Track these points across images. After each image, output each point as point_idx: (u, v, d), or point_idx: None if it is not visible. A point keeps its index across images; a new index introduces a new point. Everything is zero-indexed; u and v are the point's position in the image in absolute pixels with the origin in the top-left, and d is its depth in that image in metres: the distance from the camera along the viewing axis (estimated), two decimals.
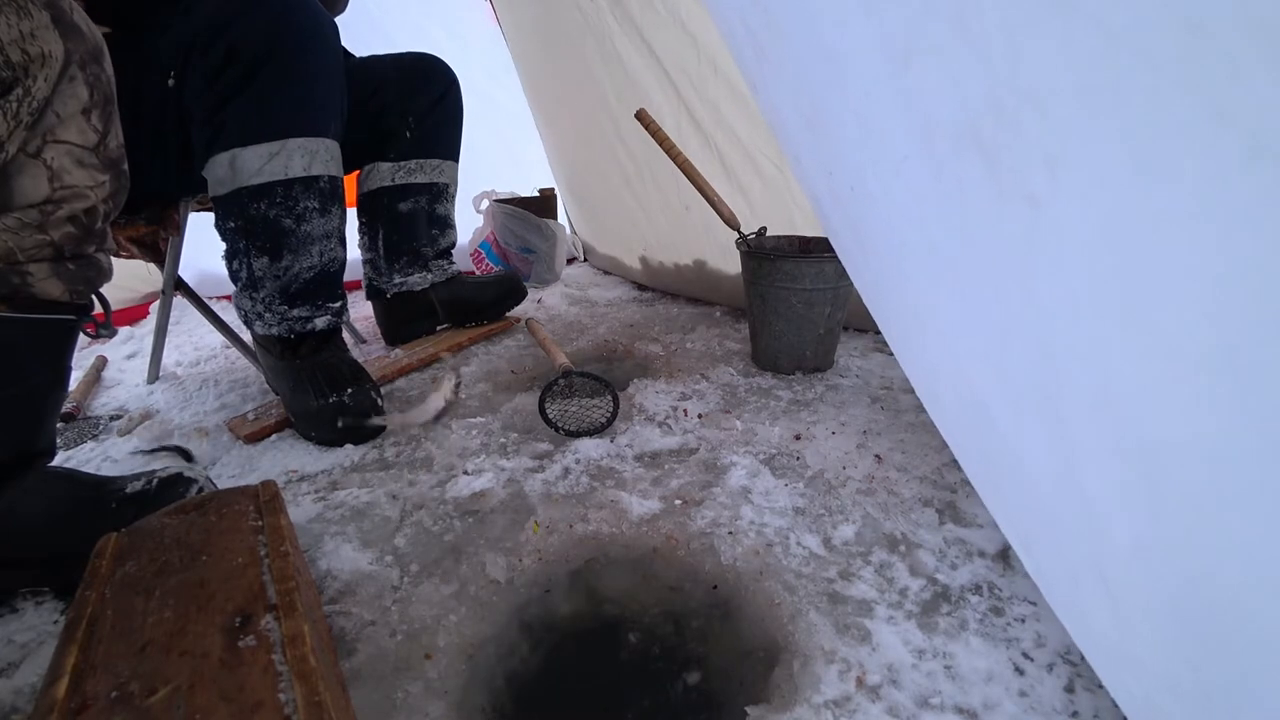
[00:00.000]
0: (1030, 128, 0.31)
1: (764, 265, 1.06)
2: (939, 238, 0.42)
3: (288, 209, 0.91)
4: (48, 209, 0.57)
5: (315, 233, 0.94)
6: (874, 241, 0.52)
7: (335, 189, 0.97)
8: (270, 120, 0.88)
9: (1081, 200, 0.30)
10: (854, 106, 0.44)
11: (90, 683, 0.40)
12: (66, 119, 0.57)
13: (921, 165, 0.39)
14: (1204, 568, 0.31)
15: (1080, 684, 0.52)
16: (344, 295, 1.04)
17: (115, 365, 1.35)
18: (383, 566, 0.68)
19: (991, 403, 0.44)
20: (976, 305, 0.41)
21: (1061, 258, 0.33)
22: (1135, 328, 0.30)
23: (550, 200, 1.89)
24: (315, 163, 0.92)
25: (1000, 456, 0.48)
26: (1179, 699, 0.36)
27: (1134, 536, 0.35)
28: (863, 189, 0.48)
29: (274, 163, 0.88)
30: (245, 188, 0.88)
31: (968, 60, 0.33)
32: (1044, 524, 0.45)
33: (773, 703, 0.52)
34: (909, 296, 0.51)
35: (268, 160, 0.88)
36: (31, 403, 0.63)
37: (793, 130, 0.55)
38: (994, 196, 0.35)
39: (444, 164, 1.29)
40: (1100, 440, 0.35)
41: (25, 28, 0.52)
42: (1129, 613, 0.38)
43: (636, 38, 1.30)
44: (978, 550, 0.67)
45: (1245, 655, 0.31)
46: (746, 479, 0.80)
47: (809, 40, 0.45)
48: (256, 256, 0.93)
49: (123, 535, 0.55)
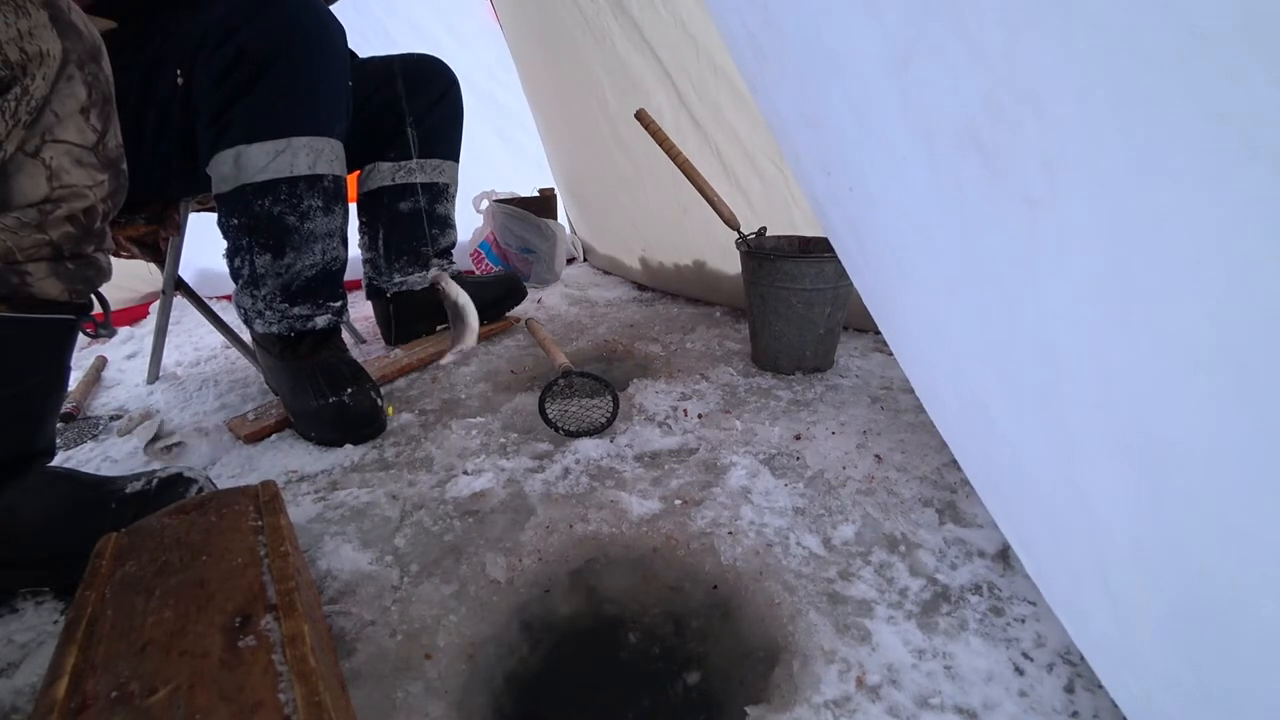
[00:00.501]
0: (1028, 128, 0.31)
1: (764, 265, 1.06)
2: (939, 237, 0.42)
3: (291, 206, 0.91)
4: (46, 208, 0.57)
5: (318, 231, 0.95)
6: (874, 241, 0.52)
7: (339, 188, 0.97)
8: (276, 118, 0.88)
9: (1079, 201, 0.30)
10: (854, 106, 0.44)
11: (90, 683, 0.40)
12: (65, 118, 0.57)
13: (921, 165, 0.39)
14: (1205, 567, 0.31)
15: (1080, 684, 0.52)
16: (345, 295, 1.05)
17: (115, 365, 1.35)
18: (383, 566, 0.68)
19: (991, 403, 0.44)
20: (977, 305, 0.41)
21: (1061, 258, 0.33)
22: (1135, 327, 0.30)
23: (550, 200, 1.89)
24: (320, 161, 0.92)
25: (1000, 456, 0.48)
26: (1179, 699, 0.36)
27: (1134, 536, 0.35)
28: (862, 189, 0.48)
29: (279, 160, 0.89)
30: (250, 184, 0.89)
31: (966, 60, 0.33)
32: (1044, 524, 0.45)
33: (773, 703, 0.52)
34: (909, 296, 0.51)
35: (273, 158, 0.88)
36: (31, 402, 0.63)
37: (792, 130, 0.55)
38: (993, 196, 0.35)
39: (444, 164, 1.29)
40: (1101, 439, 0.35)
41: (23, 26, 0.52)
42: (1129, 612, 0.38)
43: (637, 37, 1.30)
44: (978, 550, 0.67)
45: (1246, 655, 0.31)
46: (746, 479, 0.80)
47: (809, 40, 0.45)
48: (259, 253, 0.93)
49: (123, 535, 0.55)
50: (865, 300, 0.61)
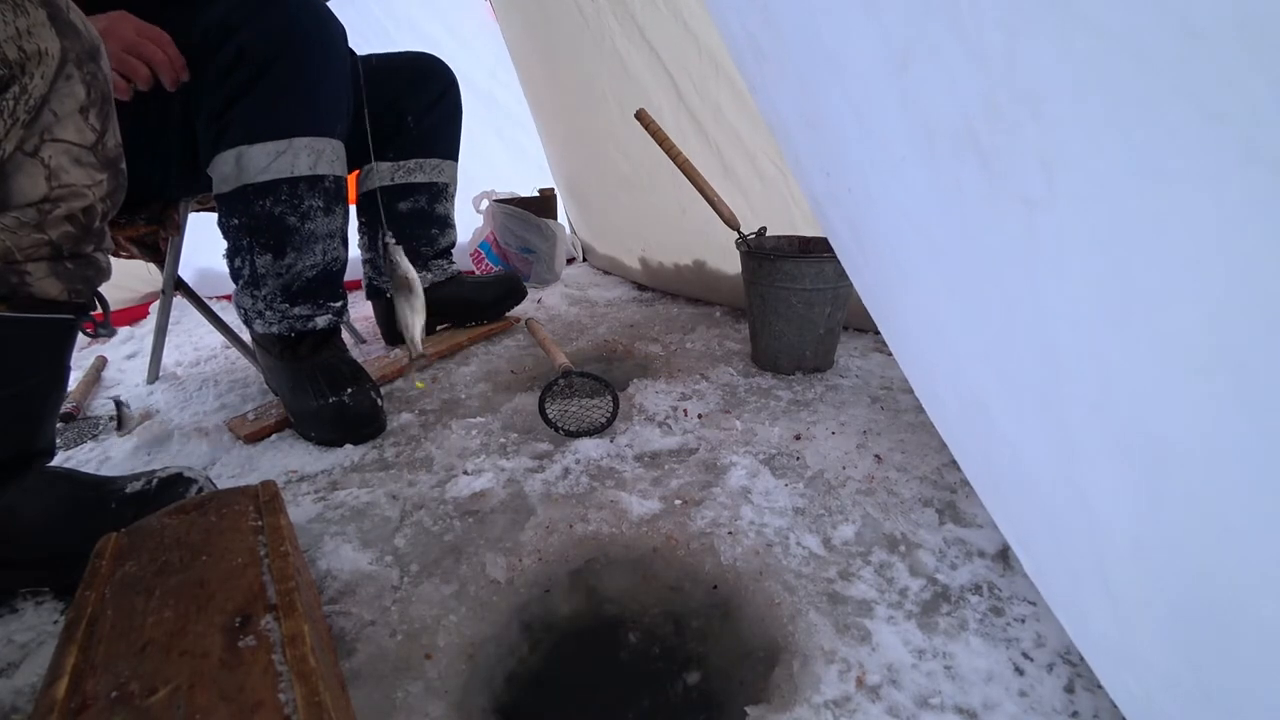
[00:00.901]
0: (1026, 129, 0.31)
1: (764, 265, 1.06)
2: (939, 238, 0.42)
3: (293, 206, 0.91)
4: (45, 208, 0.57)
5: (319, 231, 0.95)
6: (873, 242, 0.52)
7: (340, 189, 0.97)
8: (277, 119, 0.88)
9: (1077, 202, 0.30)
10: (853, 106, 0.44)
11: (90, 683, 0.40)
12: (64, 117, 0.57)
13: (920, 166, 0.39)
14: (1204, 567, 0.31)
15: (1080, 684, 0.52)
16: (345, 295, 1.05)
17: (115, 365, 1.35)
18: (383, 566, 0.68)
19: (991, 403, 0.44)
20: (977, 306, 0.41)
21: (1059, 259, 0.33)
22: (1134, 328, 0.30)
23: (550, 200, 1.89)
24: (321, 162, 0.92)
25: (1000, 456, 0.48)
26: (1179, 699, 0.36)
27: (1134, 536, 0.35)
28: (862, 189, 0.48)
29: (280, 160, 0.89)
30: (251, 184, 0.89)
31: (964, 62, 0.33)
32: (1044, 524, 0.45)
33: (773, 703, 0.52)
34: (909, 296, 0.51)
35: (274, 158, 0.88)
36: (30, 402, 0.63)
37: (792, 130, 0.55)
38: (991, 198, 0.35)
39: (443, 163, 1.29)
40: (1101, 440, 0.35)
41: (22, 25, 0.52)
42: (1129, 612, 0.38)
43: (637, 36, 1.30)
44: (978, 550, 0.67)
45: (1245, 655, 0.31)
46: (746, 479, 0.80)
47: (808, 40, 0.45)
48: (260, 253, 0.93)
49: (123, 535, 0.55)
50: (865, 300, 0.61)
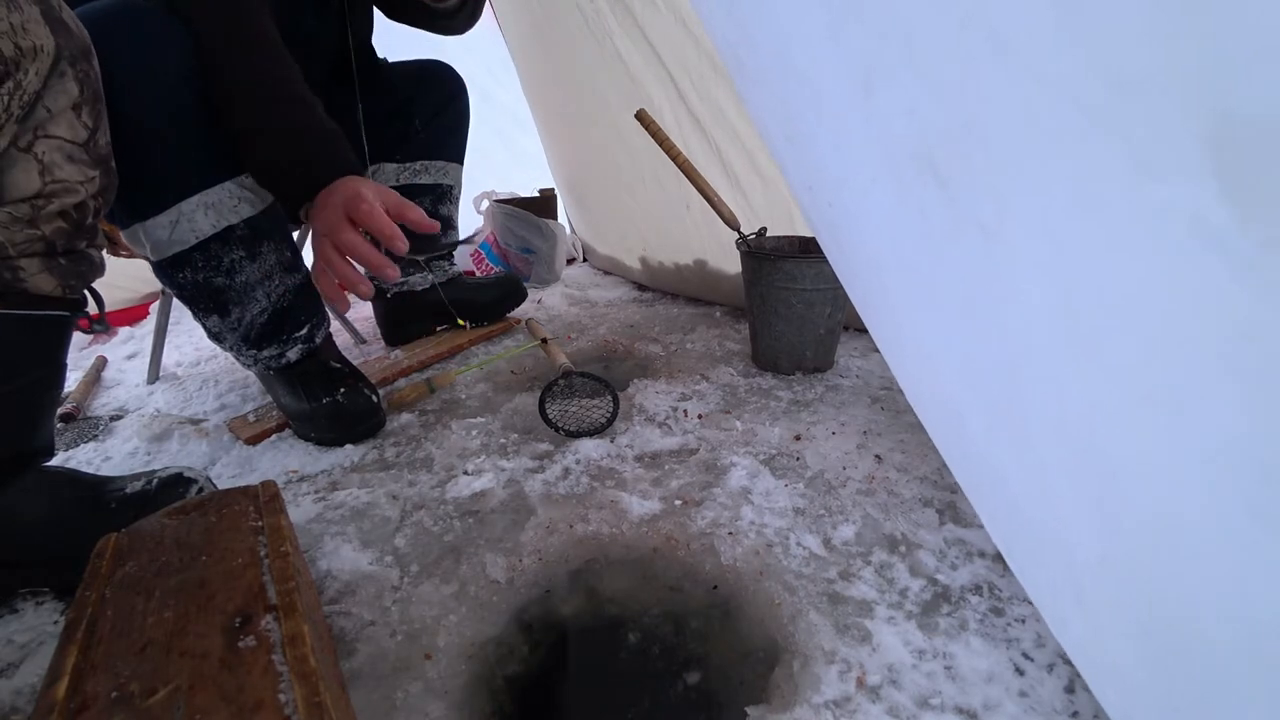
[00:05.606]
0: (978, 160, 0.32)
1: (764, 265, 1.06)
2: (910, 256, 0.42)
3: (214, 269, 0.86)
4: (38, 203, 0.57)
5: (252, 279, 0.89)
6: (855, 255, 0.52)
7: (255, 229, 0.87)
8: (152, 191, 0.80)
9: (1025, 233, 0.31)
10: (828, 126, 0.44)
11: (90, 683, 0.40)
12: (57, 114, 0.57)
13: (888, 188, 0.40)
14: (1160, 587, 0.32)
15: (1080, 684, 0.52)
16: (314, 316, 0.99)
17: (115, 365, 1.35)
18: (383, 567, 0.68)
19: (967, 416, 0.44)
20: (948, 324, 0.42)
21: (1014, 284, 0.33)
22: (1082, 356, 0.31)
23: (550, 200, 1.89)
24: (222, 214, 0.84)
25: (980, 467, 0.48)
26: (1152, 712, 0.36)
27: (1099, 552, 0.35)
28: (840, 205, 0.48)
29: (179, 230, 0.82)
30: (164, 260, 0.84)
31: (920, 91, 0.33)
32: (1023, 535, 0.45)
33: (773, 703, 0.52)
34: (888, 312, 0.51)
35: (171, 230, 0.82)
36: (27, 400, 0.63)
37: (776, 143, 0.56)
38: (953, 221, 0.35)
39: (449, 166, 1.30)
40: (1060, 459, 0.35)
41: (16, 20, 0.52)
42: (1100, 624, 0.38)
43: (638, 36, 1.30)
44: (978, 550, 0.67)
45: (1204, 671, 0.31)
46: (746, 479, 0.80)
47: (782, 60, 0.44)
48: (205, 316, 0.91)
49: (123, 535, 0.55)
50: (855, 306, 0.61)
